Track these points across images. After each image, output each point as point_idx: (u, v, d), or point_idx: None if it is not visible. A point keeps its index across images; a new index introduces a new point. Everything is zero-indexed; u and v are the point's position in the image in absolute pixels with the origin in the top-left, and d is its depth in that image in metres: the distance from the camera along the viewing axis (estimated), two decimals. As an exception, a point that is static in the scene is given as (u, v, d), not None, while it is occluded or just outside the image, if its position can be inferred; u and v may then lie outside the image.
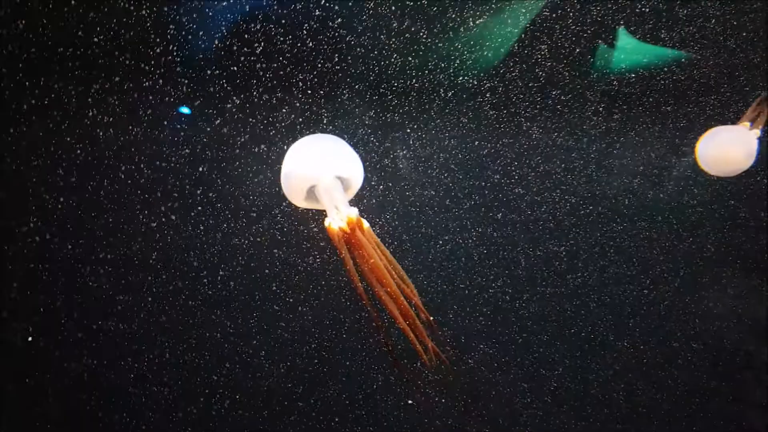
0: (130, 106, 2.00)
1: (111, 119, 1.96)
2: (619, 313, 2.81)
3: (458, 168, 2.61)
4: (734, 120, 2.66)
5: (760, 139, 2.22)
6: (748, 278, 2.86)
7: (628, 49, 2.57)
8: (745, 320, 2.82)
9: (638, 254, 2.81)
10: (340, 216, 1.68)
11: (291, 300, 2.50)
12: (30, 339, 2.05)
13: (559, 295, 2.77)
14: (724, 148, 2.25)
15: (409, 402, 2.55)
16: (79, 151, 1.94)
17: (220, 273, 2.39)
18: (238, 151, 2.27)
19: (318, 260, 2.47)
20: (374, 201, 2.51)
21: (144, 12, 1.87)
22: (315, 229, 2.42)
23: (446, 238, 2.66)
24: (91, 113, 1.93)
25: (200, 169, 2.17)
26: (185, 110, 2.20)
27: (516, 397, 2.72)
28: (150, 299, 2.22)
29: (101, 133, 1.96)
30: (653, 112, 2.69)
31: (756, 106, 2.30)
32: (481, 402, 2.68)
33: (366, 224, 1.72)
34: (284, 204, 2.35)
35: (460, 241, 2.66)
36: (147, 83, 1.94)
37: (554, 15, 2.32)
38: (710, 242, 2.84)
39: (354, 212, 1.69)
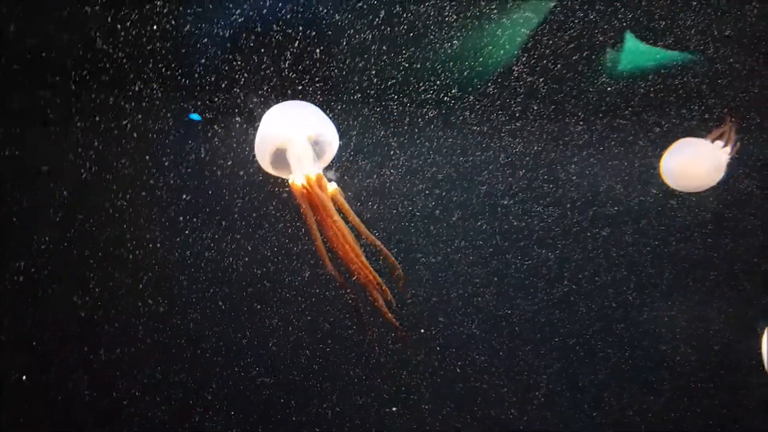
0: (113, 144, 2.05)
1: (94, 158, 2.01)
2: (608, 318, 2.85)
3: (445, 181, 2.65)
4: (715, 126, 2.69)
5: (730, 155, 2.23)
6: (735, 281, 2.89)
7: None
8: (733, 323, 2.86)
9: (625, 260, 2.84)
10: (305, 175, 1.67)
11: (282, 316, 2.55)
12: (24, 377, 2.11)
13: (549, 302, 2.81)
14: (688, 163, 2.26)
15: (394, 408, 2.61)
16: (65, 192, 1.99)
17: (210, 292, 2.45)
18: (220, 173, 2.31)
19: (308, 276, 2.51)
20: (363, 218, 2.54)
21: (120, 53, 1.91)
22: (304, 247, 2.47)
23: (437, 249, 2.70)
24: (72, 156, 1.97)
25: (185, 197, 2.23)
26: (196, 117, 2.23)
27: (507, 403, 2.77)
28: (140, 325, 2.28)
29: (84, 175, 2.01)
30: (634, 121, 2.72)
31: (724, 124, 2.31)
32: (472, 408, 2.73)
33: (334, 186, 1.72)
34: (268, 225, 2.39)
35: (450, 252, 2.71)
36: (127, 122, 1.99)
37: (533, 32, 2.35)
38: (697, 246, 2.87)
39: (317, 171, 1.68)
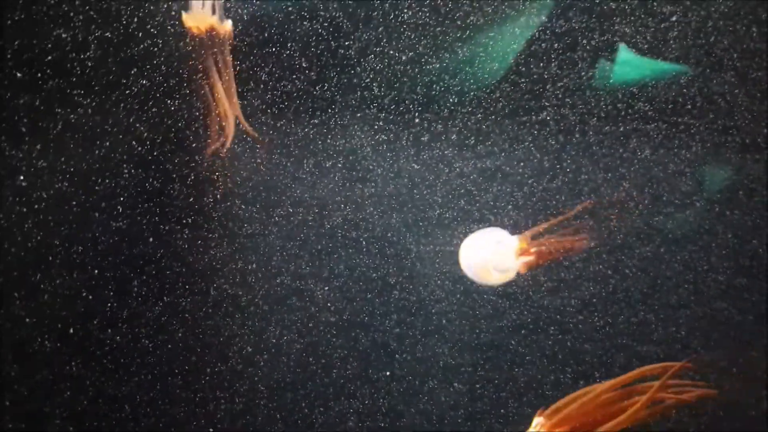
0: (96, 197, 2.32)
1: (74, 219, 2.29)
2: (578, 339, 2.88)
3: (396, 206, 2.79)
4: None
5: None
6: (702, 296, 2.85)
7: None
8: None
9: (592, 277, 2.86)
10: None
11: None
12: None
13: (517, 327, 2.86)
14: (481, 258, 2.32)
15: None
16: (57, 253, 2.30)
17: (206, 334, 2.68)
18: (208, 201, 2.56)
19: (310, 322, 2.73)
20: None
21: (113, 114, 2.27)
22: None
23: (393, 275, 2.81)
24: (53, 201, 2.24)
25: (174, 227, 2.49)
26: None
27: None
28: (132, 388, 2.54)
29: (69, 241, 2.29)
30: (582, 153, 2.81)
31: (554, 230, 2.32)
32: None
33: (228, 24, 1.82)
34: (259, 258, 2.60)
35: (409, 278, 2.82)
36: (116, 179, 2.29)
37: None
38: (661, 265, 2.86)
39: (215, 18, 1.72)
